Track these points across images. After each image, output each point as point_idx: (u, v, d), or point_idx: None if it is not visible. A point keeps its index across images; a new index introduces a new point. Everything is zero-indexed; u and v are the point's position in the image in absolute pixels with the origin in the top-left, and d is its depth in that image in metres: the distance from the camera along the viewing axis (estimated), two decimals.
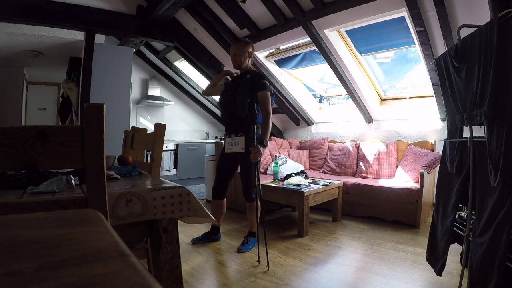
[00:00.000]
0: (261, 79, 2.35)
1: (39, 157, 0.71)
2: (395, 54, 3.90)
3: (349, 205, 3.40)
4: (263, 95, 2.32)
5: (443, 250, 1.66)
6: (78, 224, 0.37)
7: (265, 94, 2.32)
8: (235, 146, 2.35)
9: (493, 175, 1.26)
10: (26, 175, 1.13)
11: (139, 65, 5.75)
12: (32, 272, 0.23)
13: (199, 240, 2.61)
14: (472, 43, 1.44)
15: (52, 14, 3.29)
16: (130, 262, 0.26)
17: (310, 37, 3.51)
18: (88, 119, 0.74)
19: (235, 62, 2.41)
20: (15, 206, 0.76)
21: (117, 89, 3.80)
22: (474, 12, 2.44)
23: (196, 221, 1.20)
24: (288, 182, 3.08)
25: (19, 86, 4.89)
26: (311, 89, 4.99)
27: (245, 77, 2.41)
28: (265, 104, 2.32)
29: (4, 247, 0.28)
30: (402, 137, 3.93)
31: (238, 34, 4.15)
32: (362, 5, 2.94)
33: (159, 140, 1.55)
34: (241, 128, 2.36)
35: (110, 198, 0.94)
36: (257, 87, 2.32)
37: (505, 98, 1.23)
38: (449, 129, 1.76)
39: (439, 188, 1.83)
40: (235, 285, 1.89)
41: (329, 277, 1.97)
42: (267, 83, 2.36)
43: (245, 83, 2.37)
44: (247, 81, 2.37)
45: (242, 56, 2.39)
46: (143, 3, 3.94)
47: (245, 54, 2.40)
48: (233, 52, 2.41)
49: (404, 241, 2.59)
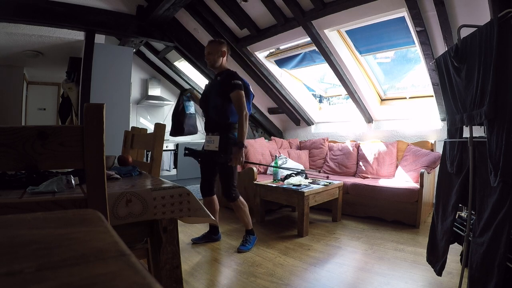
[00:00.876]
0: (232, 79, 2.32)
1: (39, 157, 0.71)
2: (395, 54, 3.90)
3: (349, 205, 3.40)
4: (234, 96, 2.29)
5: (443, 250, 1.66)
6: (78, 224, 0.37)
7: (237, 94, 2.29)
8: (211, 144, 2.39)
9: (493, 175, 1.26)
10: (26, 175, 1.13)
11: (139, 65, 5.74)
12: (32, 272, 0.23)
13: (199, 239, 2.62)
14: (472, 43, 1.44)
15: (52, 14, 3.29)
16: (130, 262, 0.26)
17: (310, 37, 3.51)
18: (88, 119, 0.74)
19: (209, 61, 2.39)
20: (15, 206, 0.76)
21: (117, 89, 3.80)
22: (474, 12, 2.44)
23: (196, 221, 1.20)
24: (288, 182, 3.08)
25: (19, 86, 4.89)
26: (311, 89, 4.99)
27: (217, 79, 2.43)
28: (238, 104, 2.30)
29: (4, 247, 0.28)
30: (402, 137, 3.93)
31: (238, 34, 4.15)
32: (362, 5, 2.94)
33: (159, 140, 1.55)
34: (217, 127, 2.40)
35: (110, 198, 0.94)
36: (228, 88, 2.30)
37: (505, 98, 1.23)
38: (449, 129, 1.76)
39: (439, 188, 1.83)
40: (235, 285, 1.89)
41: (329, 277, 1.97)
42: (239, 82, 2.32)
43: (217, 84, 2.39)
44: (218, 82, 2.38)
45: (215, 55, 2.36)
46: (143, 3, 3.94)
47: (218, 53, 2.37)
48: (207, 51, 2.39)
49: (404, 241, 2.59)
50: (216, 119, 2.38)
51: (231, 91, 2.29)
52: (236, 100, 2.30)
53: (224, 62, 2.43)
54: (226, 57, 2.43)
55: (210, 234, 2.65)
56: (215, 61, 2.38)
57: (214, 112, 2.38)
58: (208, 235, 2.65)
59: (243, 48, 4.19)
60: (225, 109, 2.34)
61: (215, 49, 2.37)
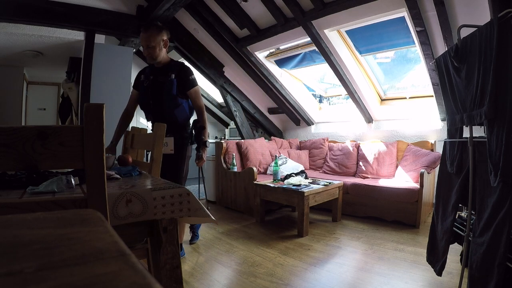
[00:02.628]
0: (189, 75, 2.10)
1: (39, 157, 0.71)
2: (395, 54, 3.90)
3: (349, 205, 3.40)
4: (193, 92, 2.10)
5: (443, 250, 1.66)
6: (78, 224, 0.37)
7: (196, 90, 2.11)
8: (165, 147, 2.05)
9: (493, 175, 1.26)
10: (26, 175, 1.13)
11: (139, 65, 5.73)
12: (32, 272, 0.23)
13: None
14: (472, 43, 1.44)
15: (52, 14, 3.29)
16: (130, 262, 0.26)
17: (310, 37, 3.51)
18: (88, 119, 0.74)
19: (149, 55, 2.04)
20: (15, 206, 0.76)
21: (117, 89, 3.80)
22: (474, 12, 2.44)
23: (196, 221, 1.20)
24: (288, 182, 3.08)
25: (19, 86, 4.89)
26: (311, 89, 4.99)
27: (167, 75, 2.08)
28: (198, 100, 2.12)
29: (4, 247, 0.28)
30: (402, 137, 3.93)
31: (238, 34, 4.15)
32: (362, 5, 2.94)
33: (159, 140, 1.55)
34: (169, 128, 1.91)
35: (110, 198, 0.94)
36: (186, 85, 2.08)
37: (505, 98, 1.23)
38: (449, 129, 1.76)
39: (439, 188, 1.83)
40: (235, 285, 1.89)
41: (329, 277, 1.97)
42: (195, 77, 2.14)
43: (170, 83, 2.06)
44: (173, 81, 2.06)
45: (156, 48, 2.02)
46: (143, 3, 3.93)
47: (159, 45, 2.03)
48: (145, 43, 2.01)
49: (404, 241, 2.59)
50: (173, 119, 2.07)
51: (189, 88, 2.08)
52: (195, 96, 2.11)
53: (165, 52, 2.11)
54: (167, 46, 2.12)
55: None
56: (157, 54, 2.04)
57: (172, 112, 2.07)
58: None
59: (243, 48, 4.19)
60: (183, 108, 2.11)
61: (155, 41, 2.01)
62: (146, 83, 2.13)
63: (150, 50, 2.02)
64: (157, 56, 2.04)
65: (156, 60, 2.06)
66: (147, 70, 2.18)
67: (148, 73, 2.15)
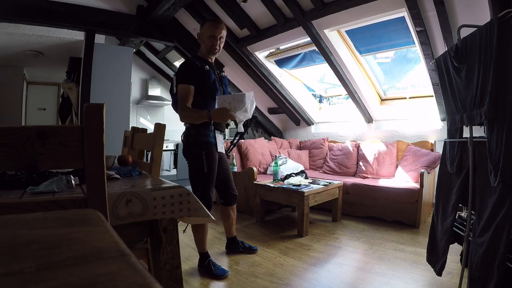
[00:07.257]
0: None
1: (39, 157, 0.71)
2: (395, 54, 3.90)
3: (349, 205, 3.40)
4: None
5: (443, 250, 1.66)
6: (78, 224, 0.37)
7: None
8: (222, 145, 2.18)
9: (493, 175, 1.26)
10: (26, 175, 1.13)
11: (139, 65, 5.74)
12: (32, 272, 0.23)
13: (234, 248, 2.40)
14: (472, 43, 1.44)
15: (52, 14, 3.29)
16: (130, 262, 0.26)
17: (310, 37, 3.50)
18: (88, 119, 0.74)
19: (218, 47, 1.98)
20: (15, 206, 0.76)
21: (117, 89, 3.80)
22: (474, 12, 2.44)
23: (196, 221, 1.20)
24: (288, 182, 3.08)
25: (19, 86, 4.89)
26: (311, 89, 4.99)
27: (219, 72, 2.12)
28: None
29: (4, 247, 0.28)
30: (402, 137, 3.93)
31: (238, 34, 4.15)
32: (362, 5, 2.94)
33: (159, 140, 1.55)
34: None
35: (110, 198, 0.94)
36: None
37: (505, 98, 1.23)
38: (449, 129, 1.76)
39: (439, 188, 1.83)
40: (235, 285, 1.89)
41: (329, 277, 1.97)
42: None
43: (225, 78, 2.16)
44: (222, 77, 2.12)
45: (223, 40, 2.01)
46: (143, 3, 3.93)
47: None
48: (218, 34, 1.95)
49: (404, 241, 2.59)
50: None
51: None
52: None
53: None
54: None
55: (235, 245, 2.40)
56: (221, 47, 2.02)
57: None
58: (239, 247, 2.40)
59: (243, 48, 4.19)
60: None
61: (225, 32, 2.01)
62: (213, 76, 2.01)
63: (220, 42, 1.98)
64: (221, 49, 2.02)
65: (218, 53, 2.02)
66: (201, 62, 1.98)
67: (204, 65, 1.99)
